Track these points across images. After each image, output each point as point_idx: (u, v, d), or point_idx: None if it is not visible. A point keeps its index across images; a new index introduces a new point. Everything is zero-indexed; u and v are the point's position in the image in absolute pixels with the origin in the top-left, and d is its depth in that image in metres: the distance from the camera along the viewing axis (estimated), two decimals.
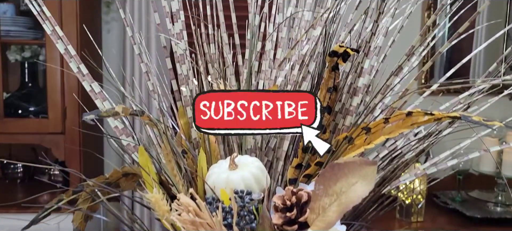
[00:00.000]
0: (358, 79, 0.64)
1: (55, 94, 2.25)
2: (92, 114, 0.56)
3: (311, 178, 0.65)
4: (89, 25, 2.45)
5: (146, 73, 0.69)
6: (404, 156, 0.64)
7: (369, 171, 0.45)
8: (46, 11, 0.63)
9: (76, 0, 2.22)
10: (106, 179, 0.62)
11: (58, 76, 2.25)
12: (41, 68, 2.43)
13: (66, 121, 2.26)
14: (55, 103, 2.25)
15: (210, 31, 0.68)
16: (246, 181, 0.56)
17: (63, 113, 2.26)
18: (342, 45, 0.62)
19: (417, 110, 0.55)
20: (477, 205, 2.47)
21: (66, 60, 0.63)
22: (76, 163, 2.28)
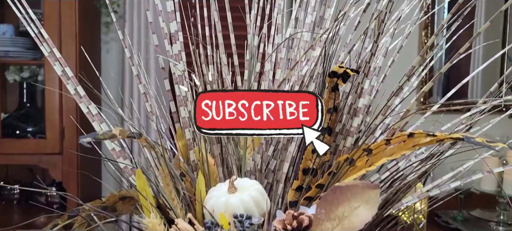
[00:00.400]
0: (359, 99, 0.64)
1: (53, 115, 2.24)
2: (88, 137, 0.55)
3: (312, 201, 0.64)
4: (88, 45, 2.46)
5: (144, 95, 0.68)
6: (406, 178, 0.63)
7: (372, 195, 0.44)
8: (44, 33, 0.63)
9: (75, 20, 2.23)
10: (102, 203, 0.61)
11: (57, 97, 2.24)
12: (39, 89, 2.43)
13: (64, 141, 2.24)
14: (53, 123, 2.24)
15: (209, 52, 0.68)
16: (246, 204, 0.55)
17: (61, 134, 2.25)
18: (341, 65, 0.62)
19: (419, 132, 0.54)
20: (479, 224, 2.44)
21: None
22: (73, 183, 2.26)
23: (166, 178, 0.57)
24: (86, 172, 2.27)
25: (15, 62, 2.31)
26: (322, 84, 0.66)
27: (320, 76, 0.66)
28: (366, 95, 0.65)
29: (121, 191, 0.62)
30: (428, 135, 0.54)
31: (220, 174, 0.64)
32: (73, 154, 2.27)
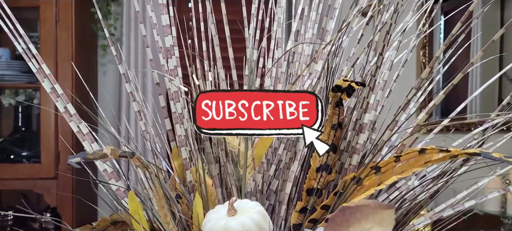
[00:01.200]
0: (364, 115, 0.60)
1: (48, 139, 2.20)
2: (78, 157, 0.51)
3: (317, 223, 0.60)
4: (85, 68, 2.44)
5: (138, 113, 0.64)
6: (417, 198, 0.59)
7: (386, 216, 0.41)
8: (33, 48, 0.60)
9: (72, 43, 2.22)
10: (92, 228, 0.57)
11: (52, 121, 2.21)
12: (35, 113, 2.39)
13: (59, 166, 2.20)
14: (48, 148, 2.20)
15: (206, 68, 0.65)
16: (247, 227, 0.51)
17: (56, 158, 2.21)
18: (346, 79, 0.58)
19: (431, 147, 0.51)
20: None
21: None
22: (68, 209, 2.21)
23: (161, 200, 0.53)
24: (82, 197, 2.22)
25: (11, 86, 2.28)
26: (326, 99, 0.63)
27: (323, 91, 0.63)
28: (372, 110, 0.62)
29: (113, 215, 0.58)
30: (441, 150, 0.51)
31: (219, 196, 0.60)
32: (68, 179, 2.23)
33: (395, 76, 0.70)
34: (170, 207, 0.54)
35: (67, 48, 2.21)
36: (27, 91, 2.31)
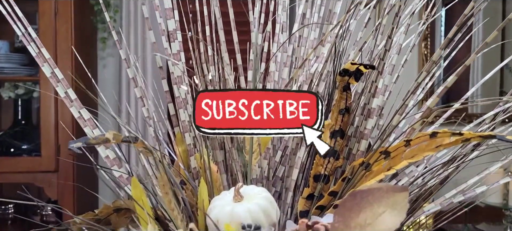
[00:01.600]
0: (373, 99, 0.59)
1: (48, 132, 2.18)
2: (79, 142, 0.50)
3: (325, 210, 0.58)
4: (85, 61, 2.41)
5: (140, 99, 0.63)
6: (427, 184, 0.58)
7: (400, 199, 0.39)
8: (32, 32, 0.58)
9: (71, 36, 2.20)
10: (95, 216, 0.56)
11: (52, 114, 2.19)
12: (34, 106, 2.38)
13: (60, 157, 2.18)
14: (49, 141, 2.18)
15: (210, 53, 0.63)
16: (253, 214, 0.49)
17: (57, 151, 2.19)
18: (354, 62, 0.57)
19: (443, 131, 0.49)
20: None
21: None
22: (69, 202, 2.19)
23: (165, 186, 0.52)
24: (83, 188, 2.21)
25: (10, 79, 2.26)
26: (333, 83, 0.61)
27: (330, 75, 0.61)
28: (380, 95, 0.61)
29: (116, 202, 0.56)
30: (453, 133, 0.49)
31: (224, 182, 0.58)
32: (69, 172, 2.22)
33: (403, 61, 0.68)
34: (174, 193, 0.52)
35: (66, 41, 2.18)
36: (27, 84, 2.29)
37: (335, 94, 0.59)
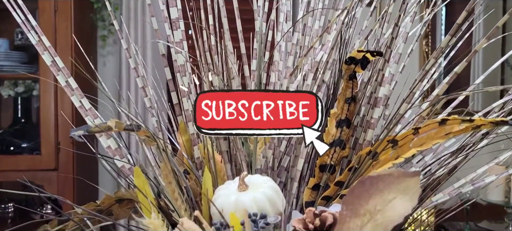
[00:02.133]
0: (379, 88, 0.58)
1: (48, 130, 2.17)
2: (81, 130, 0.48)
3: (331, 200, 0.57)
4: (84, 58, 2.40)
5: (142, 89, 0.62)
6: (435, 173, 0.56)
7: (411, 184, 0.38)
8: (31, 19, 0.57)
9: (70, 34, 2.18)
10: (97, 206, 0.54)
11: (52, 112, 2.18)
12: (34, 104, 2.36)
13: (60, 157, 2.17)
14: (49, 139, 2.17)
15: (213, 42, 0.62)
16: (259, 203, 0.48)
17: (57, 150, 2.18)
18: (360, 50, 0.56)
19: (453, 117, 0.48)
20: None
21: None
22: (69, 200, 2.18)
23: (168, 176, 0.51)
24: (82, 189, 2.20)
25: (10, 76, 2.25)
26: (339, 72, 0.60)
27: (335, 64, 0.60)
28: (387, 84, 0.59)
29: (118, 192, 0.55)
30: (463, 120, 0.48)
31: (228, 172, 0.57)
32: (69, 170, 2.20)
33: (409, 50, 0.67)
34: (178, 183, 0.51)
35: (66, 39, 2.17)
36: (26, 83, 2.28)
37: (341, 82, 0.58)
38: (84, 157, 2.33)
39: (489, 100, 0.64)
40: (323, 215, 0.45)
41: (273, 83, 0.62)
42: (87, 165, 2.34)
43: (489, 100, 0.62)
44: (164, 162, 0.51)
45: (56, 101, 2.15)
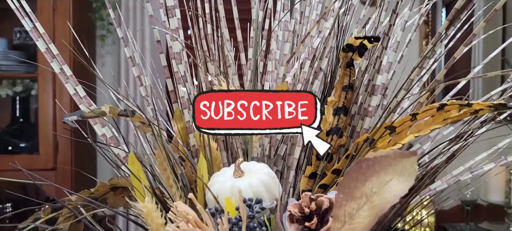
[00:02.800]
0: (377, 75, 0.57)
1: (46, 130, 2.16)
2: (74, 115, 0.48)
3: (328, 188, 0.56)
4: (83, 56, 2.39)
5: (138, 78, 0.61)
6: (433, 161, 0.56)
7: (408, 165, 0.37)
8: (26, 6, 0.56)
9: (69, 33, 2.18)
10: (91, 194, 0.54)
11: (51, 111, 2.17)
12: (33, 104, 2.36)
13: (58, 156, 2.17)
14: (47, 139, 2.16)
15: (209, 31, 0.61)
16: (255, 188, 0.48)
17: (55, 149, 2.17)
18: (358, 37, 0.55)
19: (451, 102, 0.48)
20: None
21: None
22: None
23: (163, 163, 0.50)
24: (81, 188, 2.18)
25: (8, 76, 2.25)
26: (336, 60, 0.60)
27: (332, 51, 0.59)
28: (384, 72, 0.59)
29: (112, 180, 0.55)
30: (461, 105, 0.48)
31: (224, 160, 0.57)
32: (67, 170, 2.20)
33: (407, 40, 0.67)
34: (173, 170, 0.50)
35: (64, 38, 2.17)
36: (25, 82, 2.28)
37: (339, 70, 0.58)
38: (82, 157, 2.33)
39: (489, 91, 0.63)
40: (319, 199, 0.44)
41: (270, 72, 0.62)
42: (85, 165, 2.33)
43: (490, 91, 0.61)
44: (159, 148, 0.50)
45: (55, 101, 2.14)
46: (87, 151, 2.35)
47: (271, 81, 0.61)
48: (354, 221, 0.40)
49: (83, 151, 2.30)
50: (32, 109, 2.37)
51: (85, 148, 2.31)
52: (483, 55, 2.66)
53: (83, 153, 2.30)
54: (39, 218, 0.52)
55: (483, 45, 2.42)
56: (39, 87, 2.20)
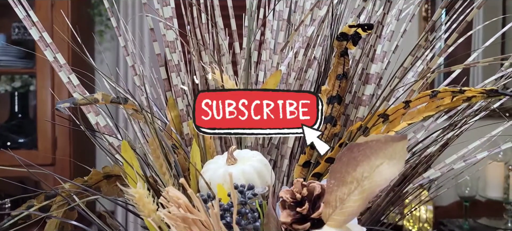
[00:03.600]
0: (371, 64, 0.57)
1: (45, 125, 2.16)
2: (67, 102, 0.48)
3: (321, 177, 0.57)
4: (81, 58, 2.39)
5: (132, 67, 0.61)
6: (426, 150, 0.56)
7: (398, 148, 0.37)
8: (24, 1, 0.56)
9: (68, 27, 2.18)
10: (84, 182, 0.54)
11: (49, 107, 2.17)
12: (31, 99, 2.36)
13: (57, 152, 2.17)
14: (45, 134, 2.16)
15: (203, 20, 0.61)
16: (247, 175, 0.48)
17: (53, 145, 2.17)
18: (352, 25, 0.55)
19: (444, 89, 0.48)
20: None
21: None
22: None
23: (156, 151, 0.50)
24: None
25: (7, 71, 2.24)
26: (330, 48, 0.60)
27: (327, 40, 0.59)
28: (379, 62, 0.59)
29: (106, 168, 0.55)
30: (454, 92, 0.48)
31: (218, 148, 0.57)
32: (65, 166, 2.20)
33: (402, 29, 0.67)
34: (166, 157, 0.50)
35: (63, 33, 2.16)
36: (23, 77, 2.28)
37: (333, 59, 0.58)
38: (81, 153, 2.33)
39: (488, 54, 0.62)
40: (310, 185, 0.44)
41: (264, 61, 0.62)
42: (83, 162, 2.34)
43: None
44: (152, 136, 0.50)
45: (53, 96, 2.14)
46: (86, 147, 2.35)
47: (265, 70, 0.61)
48: (345, 206, 0.40)
49: (81, 147, 2.30)
50: (31, 105, 2.36)
51: (83, 144, 2.31)
52: (483, 36, 2.64)
53: (81, 149, 2.30)
54: (33, 205, 0.52)
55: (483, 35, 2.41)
56: (38, 83, 2.20)
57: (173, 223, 0.39)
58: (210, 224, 0.40)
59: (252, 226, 0.43)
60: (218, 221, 0.39)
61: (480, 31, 2.38)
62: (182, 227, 0.40)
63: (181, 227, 0.40)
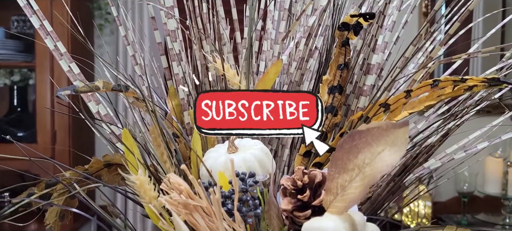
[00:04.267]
0: (372, 54, 0.57)
1: (44, 119, 2.16)
2: (68, 89, 0.48)
3: (322, 167, 0.57)
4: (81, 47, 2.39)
5: (132, 57, 0.61)
6: (427, 140, 0.56)
7: (399, 135, 0.37)
8: None
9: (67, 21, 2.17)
10: (85, 170, 0.54)
11: (48, 100, 2.17)
12: (30, 93, 2.35)
13: (56, 145, 2.16)
14: (45, 128, 2.16)
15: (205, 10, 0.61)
16: (248, 163, 0.48)
17: (53, 138, 2.17)
18: (353, 14, 0.55)
19: (446, 78, 0.48)
20: (484, 228, 2.36)
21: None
22: None
23: (157, 139, 0.50)
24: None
25: (6, 64, 2.24)
26: (331, 38, 0.59)
27: (328, 30, 0.59)
28: (380, 52, 0.59)
29: (106, 156, 0.55)
30: (455, 81, 0.48)
31: (219, 137, 0.57)
32: (65, 159, 2.19)
33: (404, 20, 0.67)
34: (167, 145, 0.50)
35: (62, 26, 2.16)
36: (22, 71, 2.27)
37: (334, 49, 0.58)
38: (80, 147, 2.33)
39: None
40: (312, 173, 0.44)
41: (265, 51, 0.62)
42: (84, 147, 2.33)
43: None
44: (153, 124, 0.50)
45: (52, 90, 2.14)
46: (85, 140, 2.35)
47: (266, 60, 0.61)
48: (346, 193, 0.40)
49: (81, 141, 2.30)
50: (30, 99, 2.36)
51: (83, 138, 2.31)
52: (483, 29, 2.64)
53: (81, 142, 2.30)
54: (33, 193, 0.52)
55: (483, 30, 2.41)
56: (37, 76, 2.20)
57: (174, 209, 0.39)
58: (212, 211, 0.40)
59: (253, 213, 0.43)
60: (219, 208, 0.39)
61: (480, 24, 2.38)
62: (184, 213, 0.40)
63: (182, 213, 0.40)
